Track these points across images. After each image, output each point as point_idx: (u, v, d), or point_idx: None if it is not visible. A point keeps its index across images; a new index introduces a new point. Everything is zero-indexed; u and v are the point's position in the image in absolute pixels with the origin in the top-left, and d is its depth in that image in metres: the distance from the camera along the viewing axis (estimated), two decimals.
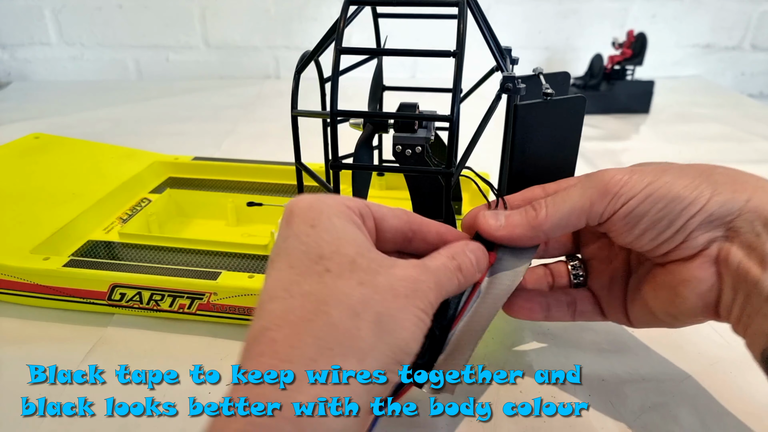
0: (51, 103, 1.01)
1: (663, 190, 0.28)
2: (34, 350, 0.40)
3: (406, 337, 0.24)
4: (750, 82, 1.25)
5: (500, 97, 0.34)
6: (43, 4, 1.10)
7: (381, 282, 0.24)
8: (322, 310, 0.22)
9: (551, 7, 1.15)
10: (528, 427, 0.33)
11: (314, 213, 0.25)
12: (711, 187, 0.28)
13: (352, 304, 0.23)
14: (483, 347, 0.39)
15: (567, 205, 0.30)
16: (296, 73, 0.39)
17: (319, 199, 0.26)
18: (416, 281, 0.25)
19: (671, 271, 0.30)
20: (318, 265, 0.24)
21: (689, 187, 0.28)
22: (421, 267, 0.26)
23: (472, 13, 0.35)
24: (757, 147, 0.82)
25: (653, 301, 0.31)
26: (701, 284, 0.29)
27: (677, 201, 0.28)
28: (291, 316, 0.22)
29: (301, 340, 0.22)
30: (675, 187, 0.28)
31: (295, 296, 0.23)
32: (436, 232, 0.30)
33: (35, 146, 0.63)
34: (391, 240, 0.29)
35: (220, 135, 0.85)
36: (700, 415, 0.34)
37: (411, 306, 0.24)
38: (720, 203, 0.28)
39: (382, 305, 0.23)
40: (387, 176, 0.57)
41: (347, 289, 0.23)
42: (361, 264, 0.24)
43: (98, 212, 0.51)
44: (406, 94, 0.50)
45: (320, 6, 1.13)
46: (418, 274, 0.25)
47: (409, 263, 0.26)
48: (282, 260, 0.25)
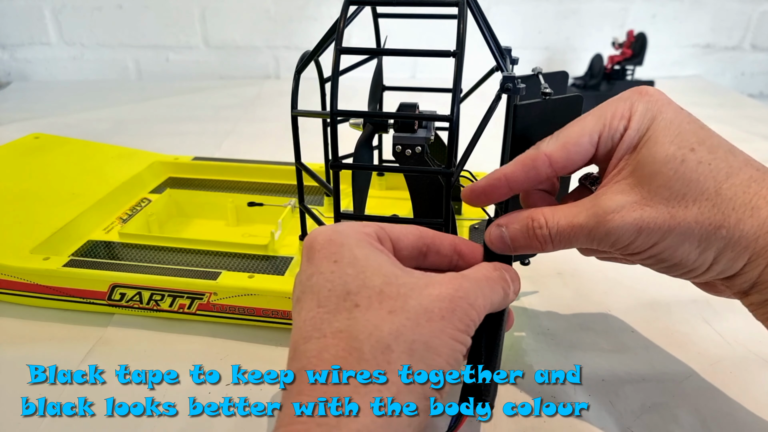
0: (51, 103, 1.01)
1: (667, 252, 0.27)
2: (34, 350, 0.40)
3: (440, 364, 0.23)
4: (750, 82, 1.25)
5: (500, 97, 0.34)
6: (43, 4, 1.10)
7: (413, 306, 0.23)
8: (354, 347, 0.22)
9: (551, 7, 1.15)
10: (528, 427, 0.33)
11: (335, 247, 0.25)
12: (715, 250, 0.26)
13: (382, 336, 0.23)
14: None
15: (565, 223, 0.29)
16: (296, 73, 0.39)
17: (337, 231, 0.26)
18: (453, 299, 0.24)
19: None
20: (347, 302, 0.24)
21: (693, 253, 0.27)
22: (460, 281, 0.25)
23: (472, 13, 0.35)
24: (757, 147, 0.82)
25: None
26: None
27: (681, 266, 0.27)
28: (326, 354, 0.22)
29: None
30: (680, 250, 0.27)
31: (327, 335, 0.23)
32: (449, 244, 0.30)
33: (35, 146, 0.63)
34: (408, 257, 0.29)
35: (220, 135, 0.85)
36: (700, 415, 0.34)
37: (448, 328, 0.23)
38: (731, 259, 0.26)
39: (415, 332, 0.23)
40: (387, 176, 0.57)
41: (377, 321, 0.23)
42: (390, 292, 0.24)
43: (98, 212, 0.51)
44: (406, 94, 0.50)
45: (320, 6, 1.13)
46: (455, 291, 0.24)
47: (447, 278, 0.25)
48: (310, 299, 0.24)
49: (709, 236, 0.26)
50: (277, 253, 0.46)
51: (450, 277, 0.25)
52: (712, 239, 0.26)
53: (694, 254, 0.27)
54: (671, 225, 0.26)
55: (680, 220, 0.26)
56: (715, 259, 0.27)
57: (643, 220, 0.26)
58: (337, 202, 0.35)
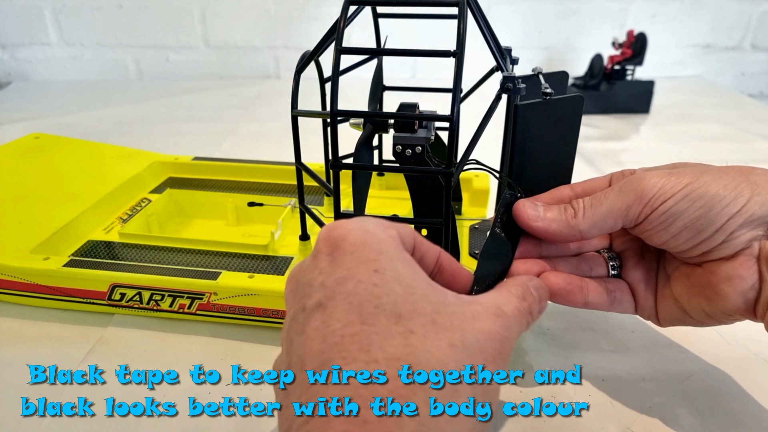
0: (51, 103, 1.01)
1: (702, 189, 0.28)
2: (34, 350, 0.40)
3: None
4: (750, 82, 1.25)
5: (500, 97, 0.34)
6: (43, 4, 1.10)
7: (470, 342, 0.22)
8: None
9: (551, 7, 1.15)
10: (528, 427, 0.33)
11: (373, 253, 0.23)
12: (750, 187, 0.28)
13: (432, 366, 0.21)
14: None
15: (604, 208, 0.30)
16: (296, 73, 0.39)
17: (369, 232, 0.24)
18: (502, 341, 0.24)
19: (710, 270, 0.30)
20: (399, 326, 0.21)
21: (728, 187, 0.28)
22: (504, 318, 0.24)
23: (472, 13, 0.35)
24: (757, 147, 0.82)
25: (687, 300, 0.31)
26: (743, 282, 0.29)
27: (716, 200, 0.28)
28: None
29: None
30: (714, 187, 0.28)
31: (379, 360, 0.20)
32: (435, 254, 0.29)
33: (35, 146, 0.63)
34: None
35: (220, 135, 0.85)
36: (700, 415, 0.34)
37: (498, 368, 0.23)
38: (761, 203, 0.28)
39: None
40: (387, 176, 0.57)
41: (439, 354, 0.21)
42: (444, 323, 0.22)
43: (98, 212, 0.51)
44: (406, 94, 0.50)
45: (320, 6, 1.13)
46: (503, 330, 0.24)
47: (489, 312, 0.24)
48: (345, 310, 0.22)
49: (743, 177, 0.28)
50: (277, 253, 0.46)
51: (493, 312, 0.24)
52: (746, 179, 0.28)
53: (731, 186, 0.28)
54: (703, 170, 0.29)
55: (711, 167, 0.30)
56: (749, 199, 0.28)
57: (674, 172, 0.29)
58: (337, 202, 0.35)
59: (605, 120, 0.92)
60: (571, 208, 0.31)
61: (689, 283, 0.31)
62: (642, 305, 0.34)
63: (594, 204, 0.31)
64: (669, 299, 0.32)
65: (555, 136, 0.36)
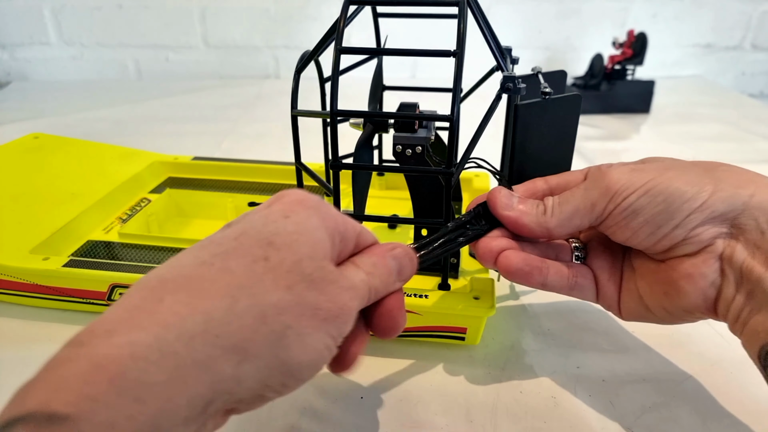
0: (51, 103, 1.01)
1: (663, 185, 0.28)
2: (34, 350, 0.39)
3: (301, 362, 0.22)
4: (750, 82, 1.25)
5: (500, 97, 0.34)
6: (43, 4, 1.10)
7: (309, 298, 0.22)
8: (232, 294, 0.21)
9: (551, 7, 1.15)
10: (528, 427, 0.33)
11: (296, 206, 0.24)
12: (713, 183, 0.28)
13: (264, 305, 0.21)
14: (483, 347, 0.39)
15: (571, 206, 0.30)
16: (296, 73, 0.39)
17: (316, 200, 0.25)
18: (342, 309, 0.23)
19: (672, 266, 0.30)
20: (260, 249, 0.22)
21: (691, 183, 0.28)
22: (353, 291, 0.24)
23: (472, 12, 0.35)
24: (757, 147, 0.82)
25: (649, 295, 0.31)
26: (704, 279, 0.29)
27: (677, 195, 0.28)
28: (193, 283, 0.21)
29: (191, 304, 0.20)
30: (676, 182, 0.28)
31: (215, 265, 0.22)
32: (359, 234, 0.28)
33: (35, 146, 0.63)
34: None
35: (220, 135, 0.85)
36: (700, 415, 0.34)
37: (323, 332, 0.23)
38: (723, 199, 0.28)
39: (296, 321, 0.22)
40: (387, 176, 0.57)
41: (271, 286, 0.22)
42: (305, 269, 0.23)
43: (98, 212, 0.51)
44: (406, 94, 0.50)
45: (320, 6, 1.13)
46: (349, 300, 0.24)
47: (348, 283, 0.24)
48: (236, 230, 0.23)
49: (707, 174, 0.29)
50: None
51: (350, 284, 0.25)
52: (710, 175, 0.29)
53: (693, 182, 0.28)
54: (668, 165, 0.30)
55: (676, 163, 0.31)
56: (711, 194, 0.28)
57: (639, 168, 0.30)
58: (337, 202, 0.35)
59: (605, 120, 0.92)
60: (543, 205, 0.31)
61: (652, 279, 0.31)
62: (603, 295, 0.33)
63: (561, 203, 0.31)
64: (632, 293, 0.32)
65: (554, 134, 0.36)
